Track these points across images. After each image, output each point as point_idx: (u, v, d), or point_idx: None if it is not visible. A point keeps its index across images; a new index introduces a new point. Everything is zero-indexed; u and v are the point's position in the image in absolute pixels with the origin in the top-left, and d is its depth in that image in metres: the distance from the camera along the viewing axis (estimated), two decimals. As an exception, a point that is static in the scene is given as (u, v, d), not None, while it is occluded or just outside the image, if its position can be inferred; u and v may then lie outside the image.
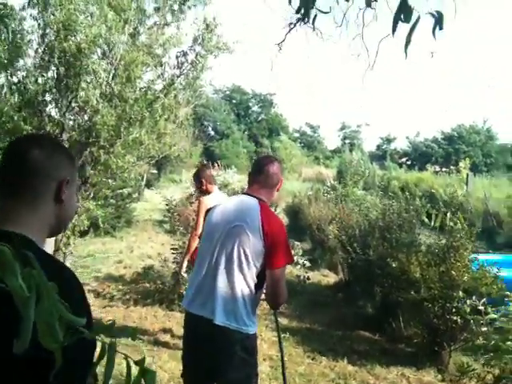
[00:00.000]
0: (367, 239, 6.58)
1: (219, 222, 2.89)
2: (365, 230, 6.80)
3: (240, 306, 2.74)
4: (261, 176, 2.94)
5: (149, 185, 21.10)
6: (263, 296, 2.95)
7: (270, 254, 2.73)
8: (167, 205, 11.58)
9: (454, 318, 4.79)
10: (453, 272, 4.82)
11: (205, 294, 2.79)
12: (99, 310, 6.58)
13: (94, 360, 0.85)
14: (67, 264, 6.96)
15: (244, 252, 2.74)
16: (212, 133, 44.75)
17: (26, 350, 0.69)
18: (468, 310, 4.70)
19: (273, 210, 4.40)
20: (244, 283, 2.76)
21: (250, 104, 50.71)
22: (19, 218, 1.21)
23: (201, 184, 5.18)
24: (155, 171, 21.12)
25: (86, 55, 4.85)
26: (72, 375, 1.02)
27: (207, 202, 4.96)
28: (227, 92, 48.69)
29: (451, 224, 10.79)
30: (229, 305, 2.73)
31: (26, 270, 0.71)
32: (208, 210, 4.59)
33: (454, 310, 4.79)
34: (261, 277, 2.80)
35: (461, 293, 4.76)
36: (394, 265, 5.34)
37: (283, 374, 3.25)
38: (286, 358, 5.28)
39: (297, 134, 51.89)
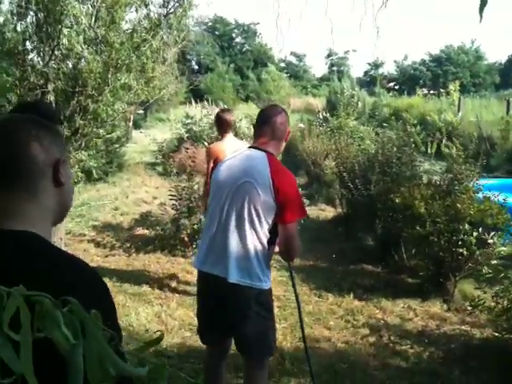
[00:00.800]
0: (367, 174, 6.51)
1: (227, 178, 2.79)
2: (364, 165, 6.71)
3: (253, 263, 2.69)
4: (268, 128, 2.81)
5: (136, 125, 20.72)
6: (276, 249, 2.89)
7: (282, 209, 2.65)
8: (159, 149, 11.41)
9: (460, 250, 4.80)
10: (458, 205, 4.77)
11: (217, 253, 2.74)
12: (102, 260, 6.57)
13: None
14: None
15: (255, 208, 2.66)
16: (196, 67, 43.71)
17: None
18: (474, 241, 4.71)
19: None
20: (256, 239, 2.69)
21: (234, 35, 49.25)
22: (20, 213, 1.11)
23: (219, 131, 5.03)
24: (141, 111, 20.65)
25: (64, 0, 4.52)
26: None
27: (214, 149, 4.81)
28: (209, 23, 47.08)
29: (446, 150, 10.78)
30: (242, 262, 2.69)
31: (68, 315, 0.63)
32: (216, 159, 4.48)
33: (459, 242, 4.79)
34: (273, 232, 2.73)
35: (467, 225, 4.74)
36: (397, 200, 5.28)
37: (301, 327, 3.26)
38: (292, 297, 5.36)
39: (282, 64, 50.78)
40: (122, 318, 4.47)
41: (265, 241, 2.71)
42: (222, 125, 4.89)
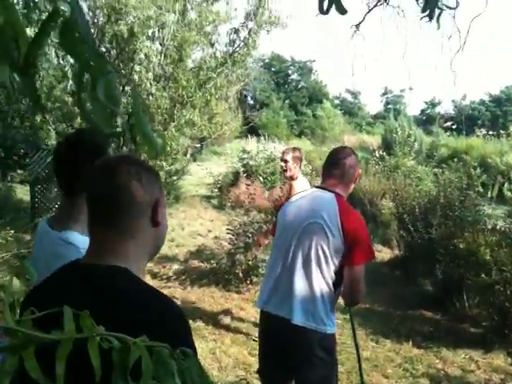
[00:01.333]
0: (428, 216, 6.35)
1: (294, 218, 2.76)
2: (425, 207, 6.56)
3: (318, 305, 2.64)
4: (337, 170, 2.76)
5: (192, 158, 21.14)
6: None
7: (351, 251, 2.60)
8: (215, 182, 11.55)
9: (528, 301, 4.57)
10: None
11: (281, 293, 2.70)
12: (157, 291, 6.62)
13: None
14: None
15: (322, 249, 2.62)
16: (251, 102, 44.43)
17: None
18: (543, 293, 4.48)
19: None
20: (322, 281, 2.65)
21: (290, 72, 49.91)
22: (117, 250, 1.14)
23: (287, 168, 4.98)
24: (198, 144, 21.08)
25: (138, 38, 4.72)
26: None
27: (297, 187, 4.79)
28: (266, 60, 48.01)
29: (509, 194, 10.40)
30: (307, 304, 2.64)
31: (180, 364, 0.63)
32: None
33: (528, 293, 4.58)
34: (339, 274, 2.68)
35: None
36: (461, 246, 5.12)
37: (360, 374, 3.16)
38: (348, 342, 5.24)
39: (337, 101, 50.95)
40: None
41: (330, 283, 2.66)
42: (297, 161, 4.97)
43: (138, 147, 5.55)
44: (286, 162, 4.95)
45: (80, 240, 1.74)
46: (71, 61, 5.49)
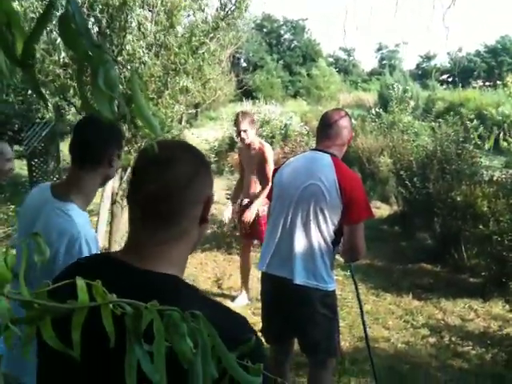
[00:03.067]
0: (425, 171, 6.40)
1: (291, 181, 2.82)
2: (422, 162, 6.60)
3: (319, 264, 2.72)
4: (331, 131, 2.83)
5: (188, 124, 21.02)
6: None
7: (349, 209, 2.67)
8: (212, 148, 11.50)
9: (526, 250, 4.67)
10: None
11: (282, 255, 2.78)
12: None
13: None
14: (126, 214, 7.09)
15: (321, 210, 2.68)
16: (244, 65, 43.85)
17: None
18: (540, 241, 4.57)
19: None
20: (322, 241, 2.72)
21: (282, 32, 49.12)
22: (171, 255, 1.05)
23: (247, 136, 4.78)
24: (192, 110, 20.91)
25: (130, 7, 4.66)
26: None
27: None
28: (257, 21, 47.15)
29: (505, 144, 10.41)
30: (308, 263, 2.72)
31: (192, 325, 0.67)
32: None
33: (525, 242, 4.66)
34: (338, 232, 2.75)
35: (533, 225, 4.61)
36: (458, 198, 5.18)
37: (364, 328, 3.26)
38: (350, 297, 5.38)
39: (331, 59, 50.28)
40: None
41: (330, 242, 2.73)
42: (252, 126, 4.94)
43: (137, 129, 5.57)
44: (245, 131, 4.77)
45: (79, 214, 1.80)
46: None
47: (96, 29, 5.39)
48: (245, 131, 4.77)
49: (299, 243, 2.72)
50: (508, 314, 4.92)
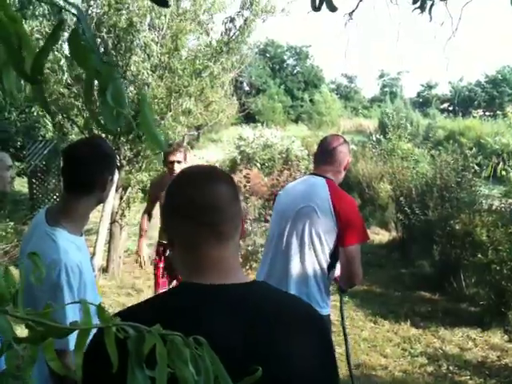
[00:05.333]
0: (424, 198, 6.41)
1: (287, 203, 2.87)
2: (421, 189, 6.62)
3: (312, 286, 2.71)
4: (328, 156, 2.86)
5: (189, 146, 21.12)
6: (337, 274, 2.89)
7: (343, 231, 2.68)
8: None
9: (524, 279, 4.65)
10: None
11: (276, 277, 2.77)
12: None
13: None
14: (124, 234, 7.08)
15: (316, 232, 2.70)
16: (247, 88, 44.21)
17: None
18: (539, 271, 4.56)
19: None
20: (316, 263, 2.72)
21: (285, 57, 49.57)
22: (234, 269, 1.06)
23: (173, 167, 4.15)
24: (194, 132, 21.04)
25: (137, 29, 4.74)
26: None
27: None
28: (261, 46, 47.72)
29: (504, 173, 10.45)
30: (301, 286, 2.72)
31: (194, 351, 0.66)
32: None
33: (523, 271, 4.65)
34: (333, 256, 2.75)
35: (531, 254, 4.60)
36: (457, 227, 5.18)
37: (348, 359, 3.21)
38: (347, 323, 5.33)
39: (333, 86, 50.69)
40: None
41: (325, 265, 2.73)
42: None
43: (143, 143, 5.61)
44: (179, 163, 4.12)
45: (65, 240, 1.78)
46: (66, 53, 5.51)
47: (102, 49, 5.48)
48: (179, 162, 4.11)
49: (293, 266, 2.72)
50: (507, 344, 4.87)
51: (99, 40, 5.47)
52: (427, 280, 6.44)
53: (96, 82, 0.56)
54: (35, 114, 8.05)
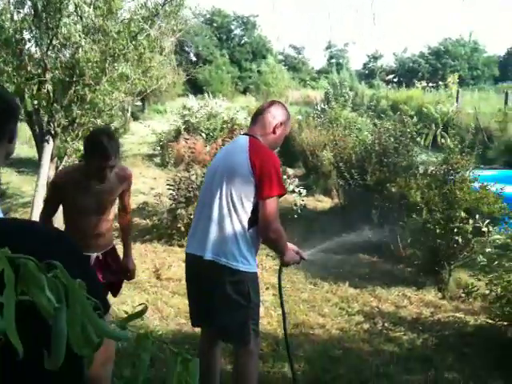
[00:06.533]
0: (364, 164, 6.53)
1: (212, 167, 2.99)
2: (361, 155, 6.74)
3: (229, 241, 2.73)
4: (257, 118, 2.94)
5: (134, 117, 20.67)
6: None
7: (260, 184, 2.71)
8: (158, 140, 11.39)
9: (456, 238, 4.83)
10: (457, 191, 4.79)
11: (200, 235, 2.82)
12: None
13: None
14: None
15: (235, 188, 2.74)
16: (194, 59, 43.45)
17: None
18: (470, 229, 4.74)
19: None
20: (236, 219, 2.74)
21: (232, 27, 48.96)
22: None
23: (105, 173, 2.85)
24: (139, 103, 20.58)
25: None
26: None
27: None
28: (207, 15, 46.79)
29: (442, 141, 10.77)
30: (218, 240, 2.74)
31: (52, 279, 0.63)
32: None
33: (456, 230, 4.83)
34: (255, 212, 2.76)
35: (463, 213, 4.77)
36: (393, 189, 5.32)
37: (284, 329, 3.24)
38: (288, 286, 5.43)
39: (281, 57, 50.49)
40: (118, 306, 4.50)
41: (245, 220, 2.73)
42: None
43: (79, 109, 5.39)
44: (112, 168, 2.93)
45: None
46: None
47: (32, 12, 5.22)
48: (112, 167, 2.94)
49: (213, 222, 2.76)
50: (440, 301, 5.09)
51: (29, 2, 5.22)
52: (366, 243, 6.60)
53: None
54: None
